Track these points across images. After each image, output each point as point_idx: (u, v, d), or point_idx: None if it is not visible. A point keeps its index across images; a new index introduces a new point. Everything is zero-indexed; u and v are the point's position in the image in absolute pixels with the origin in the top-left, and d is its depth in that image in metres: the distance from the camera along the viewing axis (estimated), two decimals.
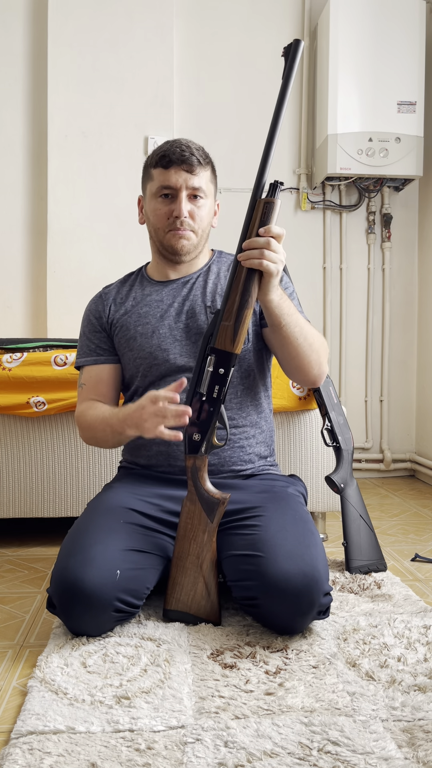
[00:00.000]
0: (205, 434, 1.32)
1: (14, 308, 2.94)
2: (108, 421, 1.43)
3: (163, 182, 1.48)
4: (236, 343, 1.31)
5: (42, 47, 2.87)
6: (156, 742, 0.92)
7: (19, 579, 1.69)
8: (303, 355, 1.42)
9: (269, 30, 3.01)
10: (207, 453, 1.33)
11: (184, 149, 1.47)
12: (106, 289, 1.63)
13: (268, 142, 1.34)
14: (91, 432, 1.49)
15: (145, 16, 2.85)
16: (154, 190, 1.50)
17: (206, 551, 1.31)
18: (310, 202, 3.06)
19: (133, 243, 2.83)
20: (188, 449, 1.33)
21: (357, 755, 0.89)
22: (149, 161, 1.53)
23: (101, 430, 1.45)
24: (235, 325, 1.30)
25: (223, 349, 1.31)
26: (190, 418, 1.32)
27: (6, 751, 0.91)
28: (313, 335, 1.43)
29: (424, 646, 1.22)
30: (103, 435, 1.46)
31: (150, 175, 1.52)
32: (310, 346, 1.42)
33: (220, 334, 1.31)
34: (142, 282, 1.60)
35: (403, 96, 2.76)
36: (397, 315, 3.13)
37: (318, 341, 1.45)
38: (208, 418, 1.32)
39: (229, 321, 1.30)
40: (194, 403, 1.32)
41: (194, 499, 1.32)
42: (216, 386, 1.31)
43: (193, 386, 1.33)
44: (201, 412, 1.32)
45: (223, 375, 1.31)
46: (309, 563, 1.21)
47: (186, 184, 1.47)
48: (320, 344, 1.46)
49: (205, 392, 1.32)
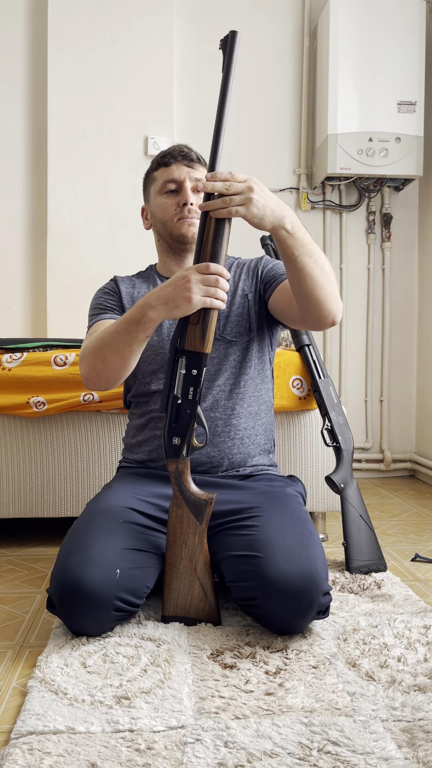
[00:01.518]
0: (184, 437, 1.31)
1: (14, 308, 2.94)
2: (120, 319, 1.35)
3: (167, 177, 1.53)
4: (205, 342, 1.29)
5: (42, 47, 2.87)
6: (156, 742, 0.92)
7: (19, 579, 1.69)
8: (320, 287, 1.33)
9: (269, 30, 3.01)
10: (188, 455, 1.32)
11: (182, 148, 1.56)
12: (117, 277, 1.67)
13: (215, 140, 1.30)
14: (99, 345, 1.37)
15: (145, 16, 2.86)
16: (158, 188, 1.55)
17: (198, 553, 1.31)
18: (310, 202, 3.05)
19: (133, 243, 2.83)
20: (169, 454, 1.32)
21: (357, 755, 0.89)
22: (150, 167, 1.60)
23: (111, 332, 1.36)
24: (202, 324, 1.28)
25: (193, 350, 1.29)
26: (169, 423, 1.31)
27: (6, 751, 0.91)
28: (328, 267, 1.37)
29: (424, 646, 1.22)
30: (113, 338, 1.35)
31: (152, 178, 1.58)
32: (326, 276, 1.35)
33: (189, 334, 1.29)
34: (153, 277, 1.64)
35: (403, 96, 2.76)
36: (397, 315, 3.13)
37: (332, 273, 1.38)
38: (186, 420, 1.31)
39: (196, 322, 1.28)
40: (170, 407, 1.31)
41: (180, 503, 1.31)
42: (190, 388, 1.30)
43: (167, 390, 1.31)
44: (178, 415, 1.31)
45: (195, 376, 1.29)
46: (308, 563, 1.21)
47: (189, 176, 1.52)
48: (334, 277, 1.39)
49: (180, 395, 1.30)
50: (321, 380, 1.86)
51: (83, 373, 1.43)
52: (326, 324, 1.39)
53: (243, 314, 1.54)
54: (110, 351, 1.35)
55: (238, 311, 1.54)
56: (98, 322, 1.53)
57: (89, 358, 1.40)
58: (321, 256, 1.33)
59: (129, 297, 1.60)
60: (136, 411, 1.59)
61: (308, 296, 1.34)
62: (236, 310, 1.55)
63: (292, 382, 1.90)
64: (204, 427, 1.33)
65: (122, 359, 1.36)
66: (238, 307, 1.55)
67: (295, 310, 1.43)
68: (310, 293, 1.33)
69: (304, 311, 1.39)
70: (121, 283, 1.63)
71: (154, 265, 1.69)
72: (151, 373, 1.52)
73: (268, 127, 3.04)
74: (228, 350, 1.52)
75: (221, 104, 1.29)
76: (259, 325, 1.55)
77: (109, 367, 1.37)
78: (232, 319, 1.54)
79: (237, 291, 1.56)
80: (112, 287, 1.62)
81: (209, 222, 1.27)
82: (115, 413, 1.94)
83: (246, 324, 1.54)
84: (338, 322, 1.39)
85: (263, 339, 1.57)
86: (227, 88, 1.29)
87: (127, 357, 1.36)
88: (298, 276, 1.32)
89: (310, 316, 1.38)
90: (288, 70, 3.04)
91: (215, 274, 1.26)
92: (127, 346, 1.34)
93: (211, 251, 1.27)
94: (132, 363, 1.38)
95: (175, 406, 1.31)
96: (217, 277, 1.25)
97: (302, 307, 1.38)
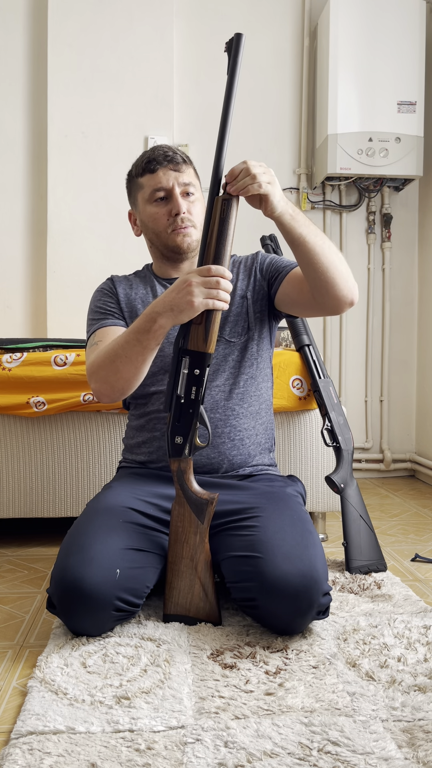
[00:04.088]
0: (187, 436, 1.32)
1: (14, 308, 2.94)
2: (129, 330, 1.35)
3: (155, 185, 1.50)
4: (209, 342, 1.30)
5: (42, 47, 2.87)
6: (156, 742, 0.92)
7: (19, 579, 1.69)
8: (333, 266, 1.34)
9: (269, 30, 3.02)
10: (191, 455, 1.33)
11: (166, 150, 1.51)
12: (115, 276, 1.66)
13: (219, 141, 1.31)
14: (110, 357, 1.37)
15: (145, 16, 2.86)
16: (147, 196, 1.52)
17: (199, 552, 1.31)
18: (310, 202, 3.05)
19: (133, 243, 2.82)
20: (172, 453, 1.33)
21: (357, 755, 0.89)
22: (134, 171, 1.55)
23: (122, 344, 1.36)
24: (205, 325, 1.29)
25: (196, 349, 1.30)
26: (172, 422, 1.32)
27: (6, 751, 0.91)
28: (336, 247, 1.38)
29: (424, 646, 1.22)
30: (125, 350, 1.35)
31: (138, 185, 1.54)
32: (336, 254, 1.36)
33: (192, 335, 1.30)
34: (150, 278, 1.63)
35: (403, 96, 2.76)
36: (397, 315, 3.13)
37: (341, 254, 1.39)
38: (189, 419, 1.32)
39: (199, 322, 1.30)
40: (174, 406, 1.32)
41: (182, 502, 1.32)
42: (193, 387, 1.31)
43: (170, 390, 1.33)
44: (181, 414, 1.32)
45: (198, 376, 1.30)
46: (307, 563, 1.21)
47: (177, 182, 1.50)
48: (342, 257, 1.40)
49: (183, 394, 1.31)
50: (321, 380, 1.86)
51: (95, 388, 1.43)
52: (345, 304, 1.39)
53: (241, 314, 1.54)
54: (123, 362, 1.36)
55: (237, 311, 1.54)
56: (100, 330, 1.52)
57: (100, 372, 1.40)
58: (326, 238, 1.36)
59: (126, 299, 1.59)
60: (135, 412, 1.59)
61: (324, 277, 1.34)
62: (235, 310, 1.54)
63: (292, 382, 1.90)
64: (207, 426, 1.34)
65: (135, 369, 1.37)
66: (237, 307, 1.55)
67: (308, 297, 1.42)
68: (326, 272, 1.34)
69: (321, 294, 1.37)
70: (118, 284, 1.62)
71: (150, 265, 1.68)
72: (151, 375, 1.52)
73: (268, 127, 3.04)
74: (227, 350, 1.52)
75: (226, 106, 1.29)
76: (257, 325, 1.55)
77: (122, 378, 1.38)
78: (231, 319, 1.54)
79: (235, 291, 1.56)
80: (110, 288, 1.61)
81: (213, 223, 1.28)
82: (115, 413, 1.94)
83: (244, 324, 1.54)
84: (356, 303, 1.40)
85: (262, 338, 1.57)
86: (232, 91, 1.29)
87: (140, 366, 1.37)
88: (311, 257, 1.33)
89: (329, 298, 1.37)
90: (288, 70, 3.04)
91: (216, 276, 1.26)
92: (140, 356, 1.35)
93: (214, 252, 1.29)
94: (144, 371, 1.39)
95: (178, 405, 1.32)
96: (218, 279, 1.26)
97: (318, 291, 1.37)
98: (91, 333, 1.55)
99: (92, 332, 1.54)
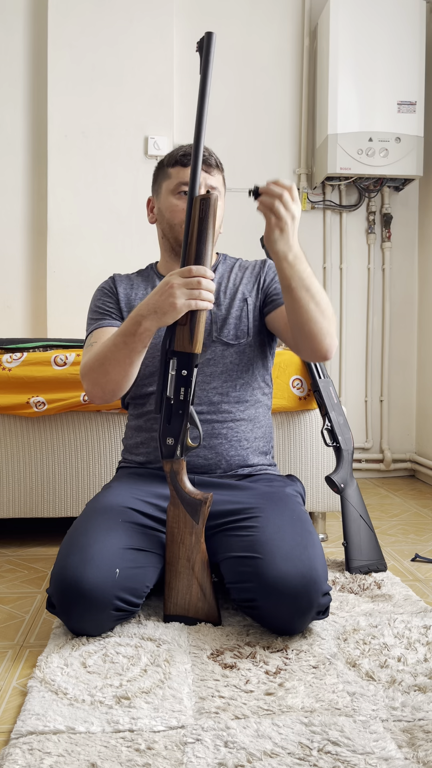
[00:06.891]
0: (178, 437, 1.32)
1: (14, 308, 2.94)
2: (117, 332, 1.36)
3: (183, 179, 1.50)
4: (194, 343, 1.30)
5: (42, 47, 2.87)
6: (156, 742, 0.92)
7: (19, 579, 1.69)
8: (313, 321, 1.36)
9: (269, 30, 3.01)
10: (183, 455, 1.33)
11: (205, 150, 1.50)
12: (117, 275, 1.66)
13: (196, 142, 1.30)
14: (100, 359, 1.39)
15: (145, 16, 2.86)
16: (171, 188, 1.52)
17: (196, 553, 1.31)
18: (310, 202, 3.06)
19: (133, 243, 2.83)
20: (164, 454, 1.33)
21: (357, 755, 0.89)
22: (167, 161, 1.55)
23: (110, 346, 1.37)
24: (190, 326, 1.29)
25: (183, 350, 1.30)
26: (163, 423, 1.33)
27: (6, 751, 0.91)
28: (325, 303, 1.39)
29: (424, 646, 1.22)
30: (113, 353, 1.37)
31: (167, 174, 1.54)
32: (321, 310, 1.37)
33: (178, 336, 1.30)
34: (152, 277, 1.63)
35: (403, 96, 2.76)
36: (397, 315, 3.13)
37: (329, 310, 1.40)
38: (179, 421, 1.32)
39: (184, 323, 1.29)
40: (164, 408, 1.32)
41: (177, 503, 1.32)
42: (181, 388, 1.31)
43: (160, 391, 1.33)
44: (171, 416, 1.32)
45: (186, 376, 1.30)
46: (307, 564, 1.21)
47: (205, 182, 1.49)
48: (331, 314, 1.41)
49: (172, 396, 1.31)
50: (321, 380, 1.86)
51: (87, 389, 1.45)
52: (317, 358, 1.44)
53: (241, 317, 1.54)
54: (111, 365, 1.38)
55: (237, 314, 1.54)
56: (97, 331, 1.53)
57: (91, 374, 1.42)
58: (319, 292, 1.36)
59: (126, 299, 1.59)
60: (134, 412, 1.59)
61: (302, 329, 1.38)
62: (234, 312, 1.54)
63: (292, 382, 1.90)
64: (197, 427, 1.34)
65: (124, 371, 1.38)
66: (237, 309, 1.54)
67: (289, 336, 1.46)
68: (304, 326, 1.37)
69: (297, 341, 1.43)
70: (119, 283, 1.62)
71: (154, 263, 1.68)
72: (148, 375, 1.52)
73: (268, 127, 3.04)
74: (225, 353, 1.52)
75: (200, 107, 1.29)
76: (257, 331, 1.55)
77: (112, 380, 1.40)
78: (230, 321, 1.53)
79: (237, 294, 1.56)
80: (111, 288, 1.61)
81: (193, 223, 1.29)
82: (115, 413, 1.94)
83: (244, 327, 1.53)
84: (330, 358, 1.44)
85: (262, 344, 1.56)
86: (206, 90, 1.29)
87: (128, 368, 1.38)
88: (294, 307, 1.36)
89: (303, 347, 1.43)
90: (288, 70, 3.04)
91: (198, 276, 1.26)
92: (127, 358, 1.36)
93: (195, 252, 1.29)
94: (134, 373, 1.40)
95: (168, 407, 1.32)
96: (200, 279, 1.26)
97: (295, 337, 1.42)
98: (88, 333, 1.56)
99: (89, 333, 1.55)
